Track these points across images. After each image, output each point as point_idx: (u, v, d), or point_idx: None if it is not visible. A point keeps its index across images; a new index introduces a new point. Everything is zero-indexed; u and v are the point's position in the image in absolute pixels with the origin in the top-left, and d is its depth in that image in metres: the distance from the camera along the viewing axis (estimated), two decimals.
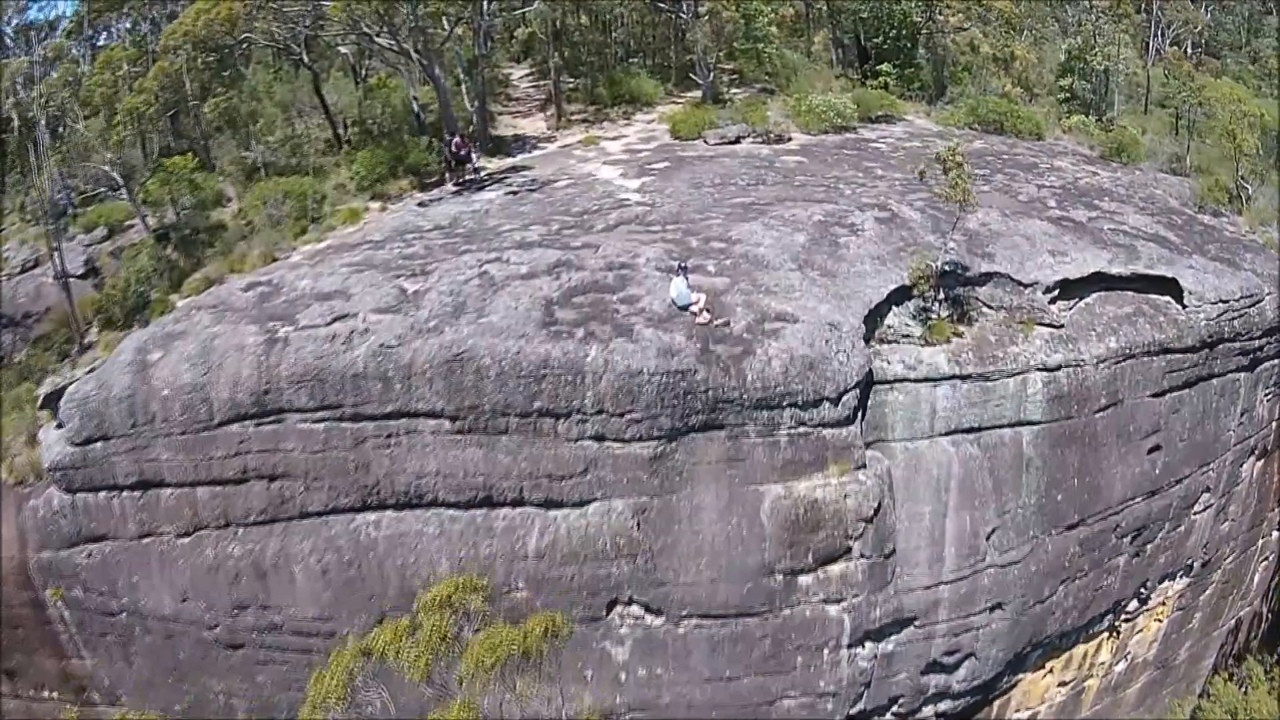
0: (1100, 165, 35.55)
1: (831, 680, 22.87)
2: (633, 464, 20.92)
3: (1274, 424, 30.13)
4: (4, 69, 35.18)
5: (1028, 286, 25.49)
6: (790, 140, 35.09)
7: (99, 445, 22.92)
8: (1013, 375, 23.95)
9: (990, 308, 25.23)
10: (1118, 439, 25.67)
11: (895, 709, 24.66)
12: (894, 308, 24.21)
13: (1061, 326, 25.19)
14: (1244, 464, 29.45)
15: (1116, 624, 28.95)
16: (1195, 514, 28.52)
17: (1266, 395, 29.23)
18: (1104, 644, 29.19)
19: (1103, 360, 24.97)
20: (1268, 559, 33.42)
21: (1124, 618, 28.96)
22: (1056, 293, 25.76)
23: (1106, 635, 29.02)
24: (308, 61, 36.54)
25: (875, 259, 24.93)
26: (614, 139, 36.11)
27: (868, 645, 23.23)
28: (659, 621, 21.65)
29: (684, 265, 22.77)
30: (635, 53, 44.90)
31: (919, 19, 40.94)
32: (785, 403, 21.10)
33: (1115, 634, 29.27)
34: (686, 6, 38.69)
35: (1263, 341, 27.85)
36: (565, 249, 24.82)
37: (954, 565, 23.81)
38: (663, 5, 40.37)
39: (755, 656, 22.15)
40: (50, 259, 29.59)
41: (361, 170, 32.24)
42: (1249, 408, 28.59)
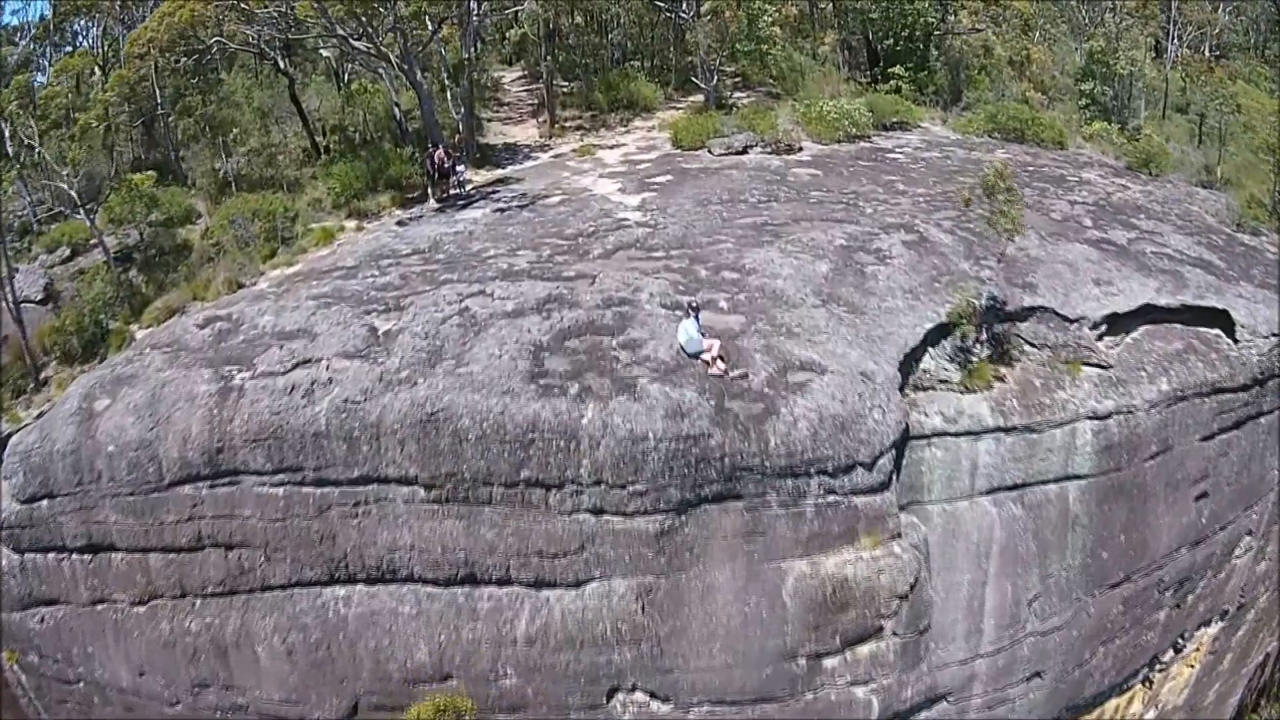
0: (1129, 177, 33.26)
1: None
2: (636, 540, 18.32)
3: None
4: None
5: (1073, 322, 23.16)
6: (801, 150, 32.64)
7: (44, 503, 20.71)
8: (1061, 425, 21.55)
9: (1033, 345, 22.82)
10: (1165, 488, 23.46)
11: None
12: (929, 349, 21.72)
13: (1110, 367, 22.90)
14: None
15: (1150, 675, 26.84)
16: (1236, 558, 26.50)
17: None
18: (1136, 695, 27.03)
19: (1154, 405, 22.71)
20: None
21: (1158, 668, 26.84)
22: (1104, 328, 23.47)
23: (1140, 686, 26.81)
24: (284, 66, 34.33)
25: (907, 291, 22.50)
26: (611, 148, 33.78)
27: None
28: (667, 709, 19.14)
29: (694, 305, 20.08)
30: (633, 55, 42.61)
31: (934, 19, 38.47)
32: (813, 470, 18.48)
33: (1149, 685, 27.17)
34: (686, 6, 36.48)
35: None
36: (557, 280, 22.39)
37: (993, 637, 21.55)
38: (661, 5, 38.10)
39: None
40: (1, 285, 26.86)
41: (338, 186, 29.82)
42: None
